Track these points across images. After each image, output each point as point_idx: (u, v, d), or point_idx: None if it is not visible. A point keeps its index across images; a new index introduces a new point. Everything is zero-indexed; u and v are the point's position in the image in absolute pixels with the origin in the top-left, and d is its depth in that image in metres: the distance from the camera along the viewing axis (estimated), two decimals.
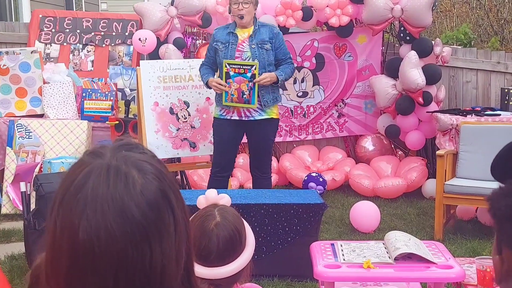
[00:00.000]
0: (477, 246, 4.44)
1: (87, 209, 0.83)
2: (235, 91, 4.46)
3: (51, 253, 0.86)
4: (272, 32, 4.57)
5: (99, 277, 0.83)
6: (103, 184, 0.85)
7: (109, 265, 0.83)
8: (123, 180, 0.86)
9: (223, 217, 1.75)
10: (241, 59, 4.51)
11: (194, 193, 4.06)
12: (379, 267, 2.87)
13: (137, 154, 0.90)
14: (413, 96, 5.82)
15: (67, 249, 0.84)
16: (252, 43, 4.52)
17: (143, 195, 0.86)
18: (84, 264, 0.83)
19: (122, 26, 6.49)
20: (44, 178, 4.15)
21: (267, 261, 3.87)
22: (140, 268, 0.84)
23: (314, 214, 3.89)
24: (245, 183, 5.99)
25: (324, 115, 6.52)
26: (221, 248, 1.69)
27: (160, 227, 0.86)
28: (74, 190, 0.86)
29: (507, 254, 1.08)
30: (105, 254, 0.82)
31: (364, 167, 6.15)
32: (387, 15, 5.85)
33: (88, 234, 0.82)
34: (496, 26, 9.19)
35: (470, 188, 4.59)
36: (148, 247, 0.84)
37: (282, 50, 4.58)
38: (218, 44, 4.56)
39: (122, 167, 0.87)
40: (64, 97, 5.86)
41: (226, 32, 4.58)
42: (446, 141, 5.44)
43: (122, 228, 0.83)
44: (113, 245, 0.82)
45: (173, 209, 0.89)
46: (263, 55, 4.49)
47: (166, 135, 5.18)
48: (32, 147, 5.48)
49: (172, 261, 0.87)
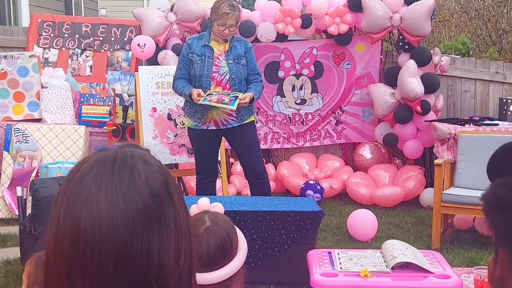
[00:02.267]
0: (474, 256, 4.43)
1: (91, 194, 0.84)
2: (216, 98, 4.38)
3: (54, 242, 0.86)
4: (246, 46, 4.58)
5: (99, 263, 0.83)
6: (108, 171, 0.86)
7: (109, 252, 0.83)
8: (129, 168, 0.87)
9: (213, 222, 1.74)
10: (218, 74, 4.47)
11: (191, 200, 4.04)
12: (376, 276, 2.85)
13: (142, 150, 0.92)
14: (411, 105, 5.82)
15: (69, 236, 0.84)
16: (229, 58, 4.50)
17: (147, 184, 0.86)
18: (84, 251, 0.83)
19: (121, 31, 6.49)
20: (41, 183, 4.13)
21: (264, 268, 3.85)
22: (138, 256, 0.84)
23: (311, 222, 3.87)
24: (243, 190, 5.97)
25: (322, 122, 6.52)
26: (211, 253, 1.68)
27: (160, 219, 0.86)
28: (78, 177, 0.87)
29: (501, 256, 1.07)
30: (106, 241, 0.83)
31: (361, 175, 6.15)
32: (386, 23, 5.86)
33: (90, 220, 0.83)
34: (495, 36, 9.22)
35: (468, 198, 4.58)
36: (147, 236, 0.85)
37: (253, 65, 4.61)
38: (194, 56, 4.49)
39: (128, 158, 0.89)
40: (62, 102, 5.86)
41: (201, 44, 4.51)
42: (444, 150, 5.44)
43: (123, 215, 0.84)
44: (114, 231, 0.83)
45: (174, 204, 0.89)
46: (240, 71, 4.51)
47: (164, 141, 5.17)
48: (29, 151, 5.47)
49: (170, 255, 0.87)
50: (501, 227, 1.07)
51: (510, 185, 1.07)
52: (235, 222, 3.99)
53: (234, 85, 4.47)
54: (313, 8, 5.98)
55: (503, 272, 1.07)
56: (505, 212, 1.05)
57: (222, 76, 4.48)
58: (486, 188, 1.12)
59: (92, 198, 0.84)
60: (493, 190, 1.08)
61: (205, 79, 4.46)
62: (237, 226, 1.84)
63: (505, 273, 1.06)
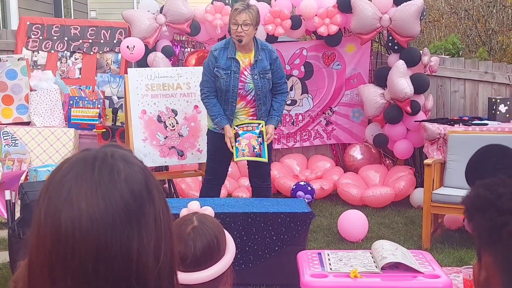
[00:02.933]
0: (464, 255, 4.44)
1: (71, 193, 0.85)
2: (246, 146, 4.51)
3: (36, 240, 0.87)
4: (271, 57, 4.53)
5: (79, 262, 0.84)
6: (88, 170, 0.87)
7: (89, 250, 0.84)
8: (109, 168, 0.88)
9: (201, 222, 1.73)
10: (243, 90, 4.48)
11: (181, 202, 4.03)
12: (366, 276, 2.85)
13: (123, 150, 0.93)
14: (401, 105, 5.83)
15: (50, 234, 0.85)
16: (254, 73, 4.48)
17: (127, 183, 0.87)
18: (65, 249, 0.84)
19: (110, 33, 6.47)
20: (29, 186, 4.10)
21: (254, 270, 3.85)
22: (118, 254, 0.85)
23: (302, 223, 3.87)
24: (233, 192, 5.96)
25: (312, 122, 6.52)
26: (197, 253, 1.67)
27: (140, 218, 0.87)
28: (59, 177, 0.88)
29: (485, 259, 1.07)
30: (86, 239, 0.84)
31: (352, 176, 6.15)
32: (375, 24, 5.87)
33: (70, 219, 0.84)
34: (484, 36, 9.26)
35: (458, 197, 4.58)
36: (126, 234, 0.86)
37: (279, 74, 4.59)
38: (220, 71, 4.46)
39: (108, 157, 0.89)
40: (51, 104, 5.82)
41: (226, 55, 4.47)
42: (434, 150, 5.45)
43: (103, 213, 0.85)
44: (93, 230, 0.84)
45: (154, 203, 0.90)
46: (265, 85, 4.51)
47: (154, 143, 5.15)
48: (18, 155, 5.43)
49: (149, 253, 0.88)
50: (485, 228, 1.07)
51: (490, 186, 1.07)
52: (226, 224, 3.99)
53: (259, 100, 4.52)
54: (302, 9, 5.98)
55: (488, 274, 1.07)
56: (488, 211, 1.05)
57: (248, 92, 4.51)
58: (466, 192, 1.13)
59: (72, 197, 0.85)
60: (475, 192, 1.09)
61: (231, 94, 4.48)
62: (227, 228, 1.84)
63: (490, 275, 1.07)
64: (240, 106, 4.54)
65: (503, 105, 5.83)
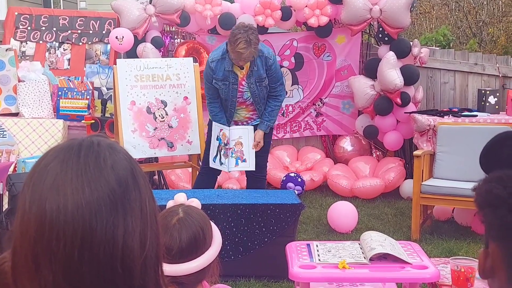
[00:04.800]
0: (453, 247, 4.46)
1: (56, 180, 0.85)
2: (233, 158, 4.64)
3: (20, 227, 0.86)
4: (267, 64, 4.52)
5: (64, 247, 0.83)
6: (74, 157, 0.87)
7: (74, 236, 0.83)
8: (94, 154, 0.88)
9: (186, 213, 1.72)
10: (242, 98, 4.59)
11: (170, 193, 4.02)
12: (354, 267, 2.85)
13: (109, 140, 0.93)
14: (391, 97, 5.83)
15: (35, 220, 0.85)
16: (250, 81, 4.53)
17: (113, 170, 0.88)
18: (50, 235, 0.84)
19: (99, 24, 6.42)
20: (17, 177, 4.07)
21: (244, 261, 3.84)
22: (103, 240, 0.85)
23: (291, 215, 3.87)
24: (224, 183, 5.95)
25: (302, 114, 6.52)
26: (182, 244, 1.66)
27: (125, 204, 0.87)
28: (44, 164, 0.88)
29: (492, 249, 1.07)
30: (71, 225, 0.83)
31: (342, 168, 6.16)
32: (365, 15, 5.86)
33: (56, 204, 0.84)
34: (475, 28, 9.28)
35: (447, 189, 4.61)
36: (112, 220, 0.85)
37: (274, 77, 4.60)
38: (218, 83, 4.52)
39: (94, 145, 0.90)
40: (40, 95, 5.78)
41: (224, 68, 4.48)
42: (423, 141, 5.46)
43: (89, 199, 0.84)
44: (78, 215, 0.84)
45: (140, 190, 0.90)
46: (262, 91, 4.58)
47: (143, 134, 5.12)
48: (6, 146, 5.39)
49: (135, 239, 0.88)
50: (495, 224, 1.06)
51: (504, 181, 1.05)
52: (215, 215, 3.98)
53: (258, 103, 4.62)
54: (293, 0, 5.95)
55: (494, 264, 1.07)
56: (499, 209, 1.04)
57: (246, 99, 4.62)
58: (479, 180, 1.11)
59: (57, 183, 0.85)
60: (488, 187, 1.07)
61: (229, 103, 4.61)
62: (216, 219, 1.83)
63: (496, 265, 1.06)
64: (240, 108, 4.67)
65: (493, 97, 5.85)
